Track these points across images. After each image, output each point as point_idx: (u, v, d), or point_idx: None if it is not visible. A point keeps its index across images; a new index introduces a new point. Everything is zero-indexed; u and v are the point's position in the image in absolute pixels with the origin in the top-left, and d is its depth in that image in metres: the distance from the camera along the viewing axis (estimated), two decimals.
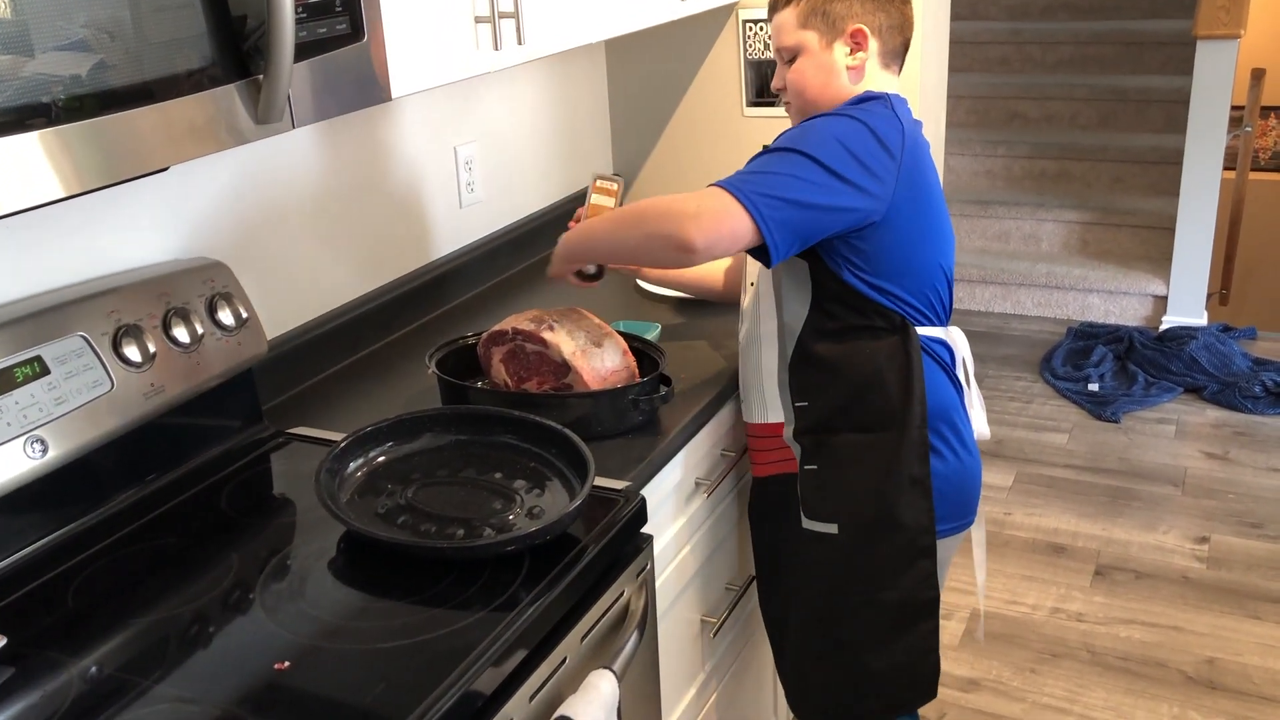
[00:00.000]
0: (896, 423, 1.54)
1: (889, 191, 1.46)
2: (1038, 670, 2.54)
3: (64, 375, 1.31)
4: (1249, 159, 4.91)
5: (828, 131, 1.45)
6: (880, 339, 1.54)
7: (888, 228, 1.48)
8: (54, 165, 0.98)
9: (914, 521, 1.57)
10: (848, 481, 1.58)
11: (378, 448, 1.46)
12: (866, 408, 1.55)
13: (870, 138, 1.45)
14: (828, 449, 1.59)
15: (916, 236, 1.52)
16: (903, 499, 1.56)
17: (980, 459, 1.69)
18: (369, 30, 1.27)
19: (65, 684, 1.11)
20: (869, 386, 1.55)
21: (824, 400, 1.58)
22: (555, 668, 1.22)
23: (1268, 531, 3.03)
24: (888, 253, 1.50)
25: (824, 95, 1.57)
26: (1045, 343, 4.27)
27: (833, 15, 1.55)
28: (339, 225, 1.88)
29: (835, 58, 1.56)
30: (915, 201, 1.50)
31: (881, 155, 1.46)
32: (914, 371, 1.53)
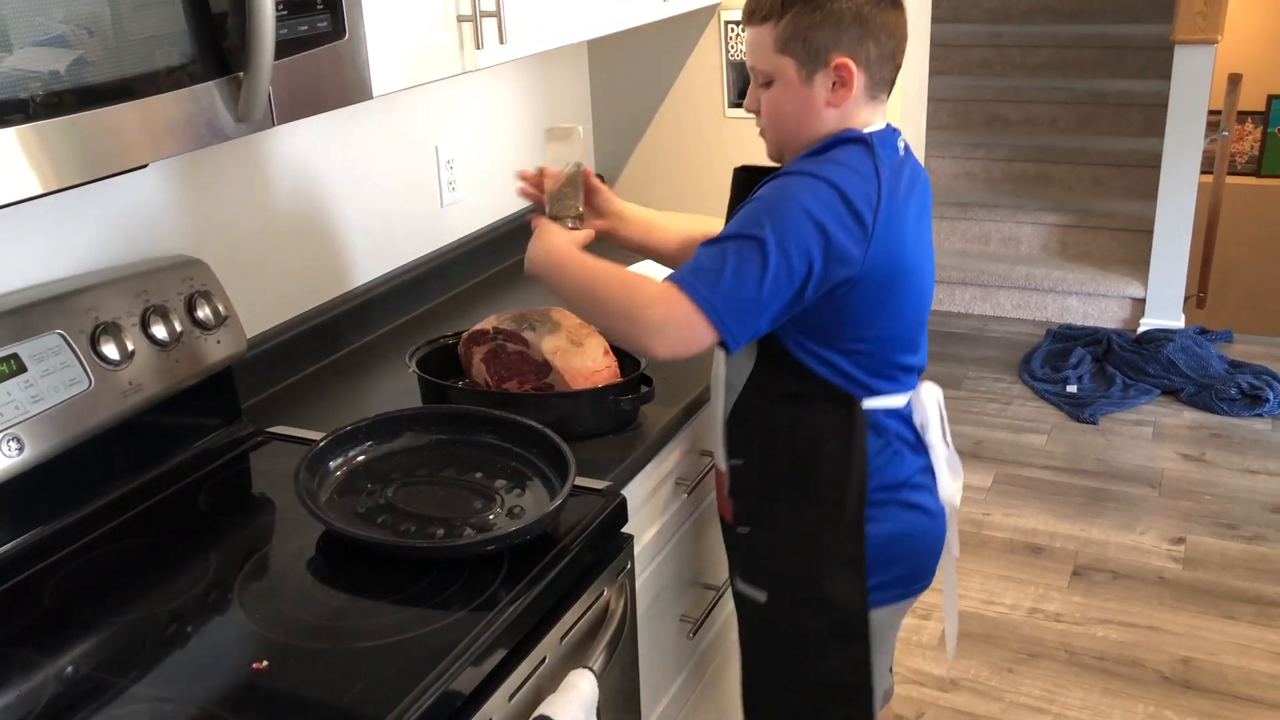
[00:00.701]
0: (832, 498, 1.45)
1: (858, 263, 1.34)
2: (1015, 670, 2.56)
3: (41, 373, 1.30)
4: (1226, 163, 4.95)
5: (799, 210, 1.32)
6: (822, 410, 1.44)
7: (848, 300, 1.37)
8: (32, 162, 0.97)
9: (845, 602, 1.48)
10: (779, 551, 1.51)
11: (357, 447, 1.45)
12: (802, 479, 1.46)
13: (844, 210, 1.33)
14: (761, 514, 1.52)
15: (877, 306, 1.39)
16: (834, 578, 1.47)
17: (944, 522, 1.56)
18: (350, 28, 1.27)
19: (41, 684, 1.10)
20: (806, 457, 1.46)
21: (759, 463, 1.50)
22: (535, 667, 1.22)
23: (1243, 532, 3.06)
24: (842, 324, 1.40)
25: (800, 132, 1.42)
26: (1024, 344, 4.29)
27: (815, 44, 1.37)
28: (320, 223, 1.87)
29: (815, 92, 1.39)
30: (886, 267, 1.37)
31: (853, 227, 1.33)
32: (855, 447, 1.43)
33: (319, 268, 1.88)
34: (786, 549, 1.51)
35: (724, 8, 2.44)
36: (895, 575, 1.51)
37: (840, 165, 1.36)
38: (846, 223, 1.33)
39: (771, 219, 1.33)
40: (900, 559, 1.51)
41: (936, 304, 4.65)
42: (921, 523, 1.53)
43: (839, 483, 1.45)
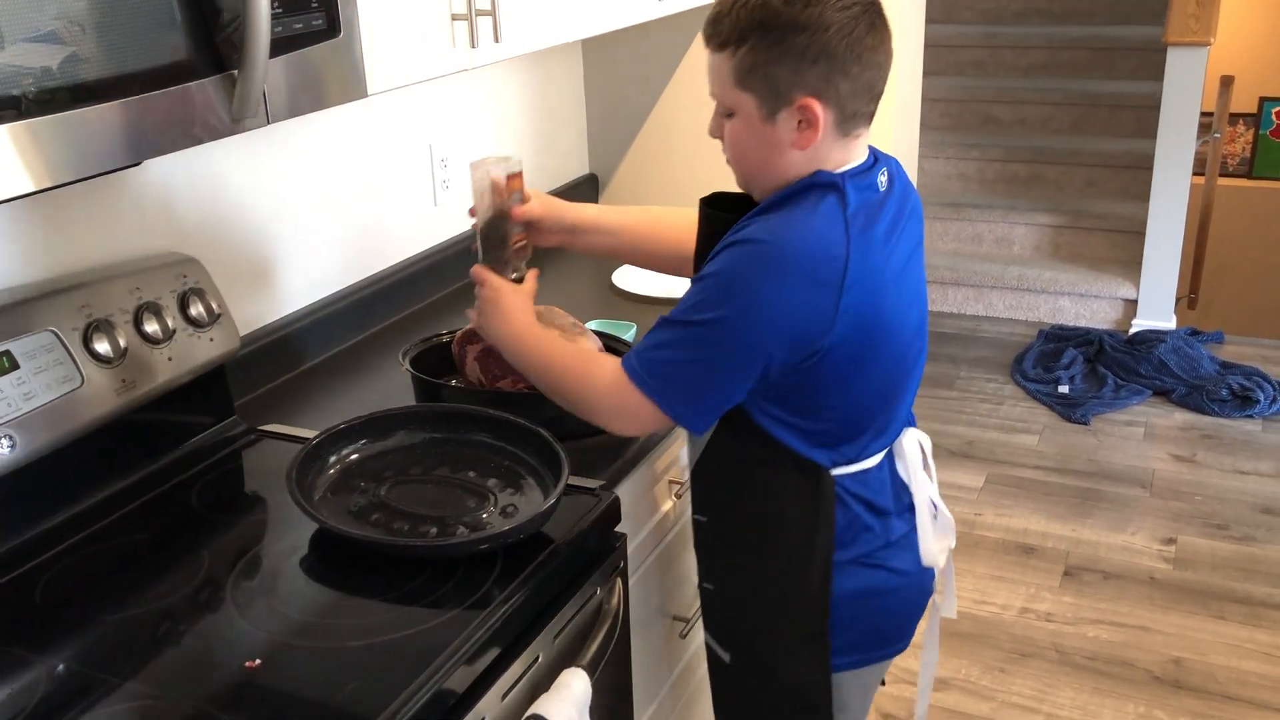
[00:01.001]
0: (795, 569, 1.35)
1: (824, 338, 1.23)
2: (1007, 670, 2.56)
3: (33, 370, 1.29)
4: (1218, 164, 4.97)
5: (757, 294, 1.21)
6: (787, 478, 1.33)
7: (816, 373, 1.25)
8: (24, 159, 0.97)
9: (806, 676, 1.40)
10: (740, 614, 1.44)
11: (350, 445, 1.45)
12: (764, 546, 1.37)
13: (808, 286, 1.20)
14: (724, 574, 1.44)
15: (850, 377, 1.28)
16: (794, 652, 1.39)
17: (920, 581, 1.45)
18: (345, 26, 1.27)
19: (33, 682, 1.10)
20: (769, 525, 1.36)
21: (722, 522, 1.42)
22: (528, 666, 1.22)
23: (1233, 533, 3.07)
24: (809, 394, 1.29)
25: (766, 172, 1.29)
26: (1016, 345, 4.30)
27: (776, 81, 1.22)
28: (313, 221, 1.87)
29: (779, 132, 1.25)
30: (857, 335, 1.25)
31: (819, 303, 1.21)
32: (821, 519, 1.33)
33: (312, 266, 1.88)
34: (748, 614, 1.43)
35: None
36: (859, 637, 1.40)
37: (803, 227, 1.23)
38: (811, 300, 1.21)
39: (725, 299, 1.22)
40: (864, 620, 1.40)
41: (930, 305, 4.66)
42: (890, 582, 1.40)
43: (802, 554, 1.35)
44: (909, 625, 1.48)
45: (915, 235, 1.37)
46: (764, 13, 1.22)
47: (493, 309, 1.45)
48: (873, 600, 1.40)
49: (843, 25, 1.21)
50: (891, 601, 1.42)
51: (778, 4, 1.21)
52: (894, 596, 1.42)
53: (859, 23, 1.22)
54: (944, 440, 3.61)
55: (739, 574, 1.41)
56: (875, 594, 1.39)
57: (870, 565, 1.38)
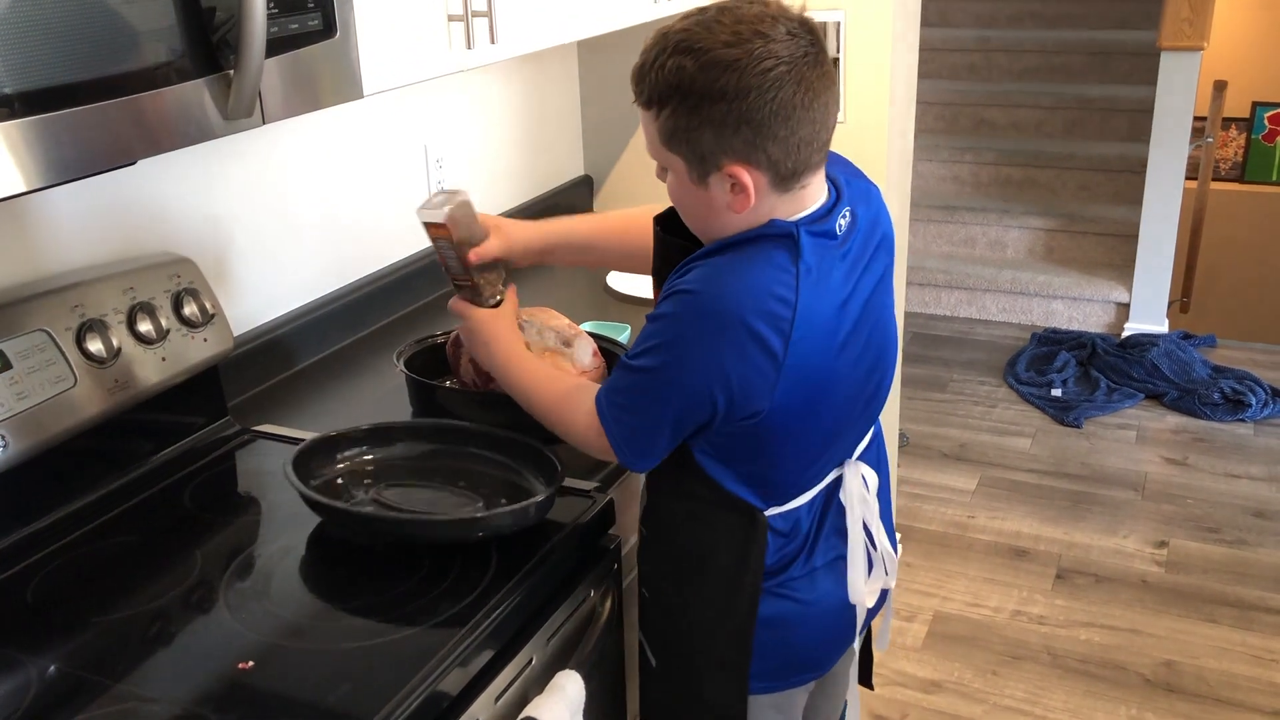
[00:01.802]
0: (720, 602, 1.34)
1: (766, 399, 1.19)
2: (999, 672, 2.57)
3: (26, 370, 1.29)
4: (1210, 169, 4.99)
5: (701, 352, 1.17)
6: (721, 518, 1.32)
7: (759, 429, 1.22)
8: (16, 159, 0.97)
9: (722, 700, 1.39)
10: (670, 628, 1.42)
11: (351, 449, 1.45)
12: (695, 575, 1.36)
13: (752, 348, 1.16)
14: (659, 586, 1.42)
15: (795, 433, 1.25)
16: (714, 678, 1.38)
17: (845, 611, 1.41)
18: (341, 27, 1.26)
19: (24, 683, 1.09)
20: (699, 560, 1.35)
21: (659, 541, 1.41)
22: (522, 668, 1.22)
23: (1224, 536, 3.08)
24: (753, 454, 1.27)
25: (708, 230, 1.25)
26: (1009, 348, 4.31)
27: (700, 148, 1.17)
28: (308, 222, 1.86)
29: (713, 195, 1.20)
30: (802, 394, 1.21)
31: (761, 364, 1.17)
32: (750, 560, 1.31)
33: (307, 266, 1.87)
34: (675, 629, 1.41)
35: None
36: (774, 663, 1.38)
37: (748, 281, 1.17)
38: (750, 356, 1.16)
39: (668, 349, 1.20)
40: (778, 647, 1.37)
41: (921, 307, 4.67)
42: (805, 611, 1.37)
43: (730, 588, 1.34)
44: (827, 654, 1.45)
45: (881, 266, 1.32)
46: (679, 77, 1.15)
47: (475, 339, 1.46)
48: (787, 628, 1.37)
49: (763, 90, 1.12)
50: (807, 630, 1.39)
51: (693, 70, 1.14)
52: (810, 625, 1.39)
53: (783, 84, 1.13)
54: (936, 443, 3.62)
55: (670, 591, 1.40)
56: (790, 622, 1.37)
57: (785, 595, 1.36)
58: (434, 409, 1.61)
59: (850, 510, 1.37)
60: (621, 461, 1.29)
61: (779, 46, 1.13)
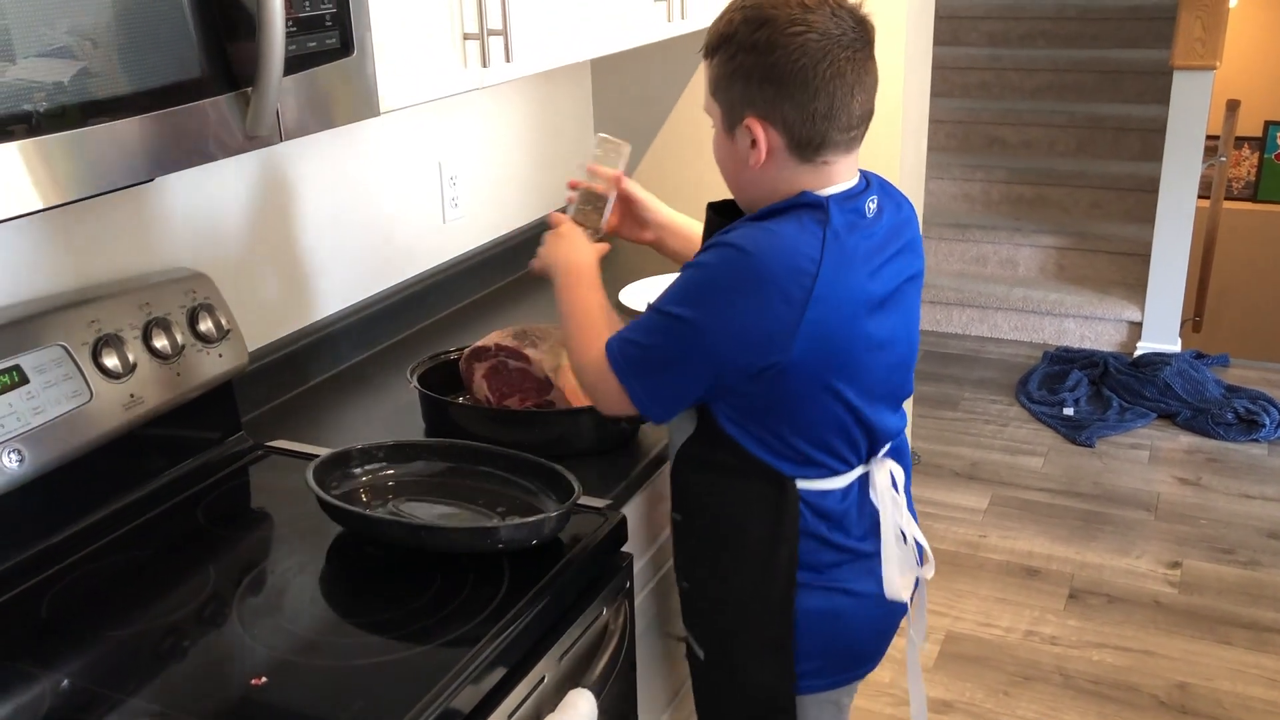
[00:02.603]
0: (760, 577, 1.36)
1: (784, 353, 1.23)
2: (1010, 693, 2.55)
3: (43, 385, 1.30)
4: (1223, 188, 4.98)
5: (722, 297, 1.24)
6: (753, 487, 1.34)
7: (777, 385, 1.26)
8: (34, 176, 0.97)
9: (769, 683, 1.41)
10: (711, 616, 1.45)
11: (374, 464, 1.45)
12: (732, 551, 1.38)
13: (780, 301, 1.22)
14: (697, 574, 1.45)
15: (812, 395, 1.28)
16: (760, 658, 1.40)
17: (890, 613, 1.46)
18: (358, 45, 1.27)
19: (38, 697, 1.09)
20: (733, 532, 1.38)
21: (693, 523, 1.43)
22: (534, 686, 1.22)
23: (1239, 557, 3.06)
24: (772, 410, 1.30)
25: (737, 185, 1.34)
26: (1021, 366, 4.30)
27: (731, 98, 1.26)
28: (323, 238, 1.87)
29: (737, 148, 1.29)
30: (823, 355, 1.25)
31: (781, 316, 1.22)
32: (784, 530, 1.33)
33: (321, 282, 1.88)
34: (719, 615, 1.43)
35: None
36: (823, 661, 1.42)
37: (780, 240, 1.23)
38: (772, 308, 1.22)
39: (696, 298, 1.26)
40: (827, 642, 1.41)
41: (933, 325, 4.66)
42: (852, 605, 1.40)
43: (766, 563, 1.35)
44: (875, 648, 1.48)
45: (910, 268, 1.36)
46: (730, 28, 1.26)
47: (561, 240, 1.50)
48: (835, 622, 1.40)
49: (789, 50, 1.21)
50: (854, 624, 1.42)
51: (739, 22, 1.25)
52: (857, 619, 1.42)
53: (807, 51, 1.20)
54: (948, 461, 3.61)
55: (710, 575, 1.43)
56: (837, 616, 1.39)
57: (831, 588, 1.38)
58: (447, 425, 1.61)
59: (881, 506, 1.39)
60: (634, 402, 1.30)
61: (817, 19, 1.22)
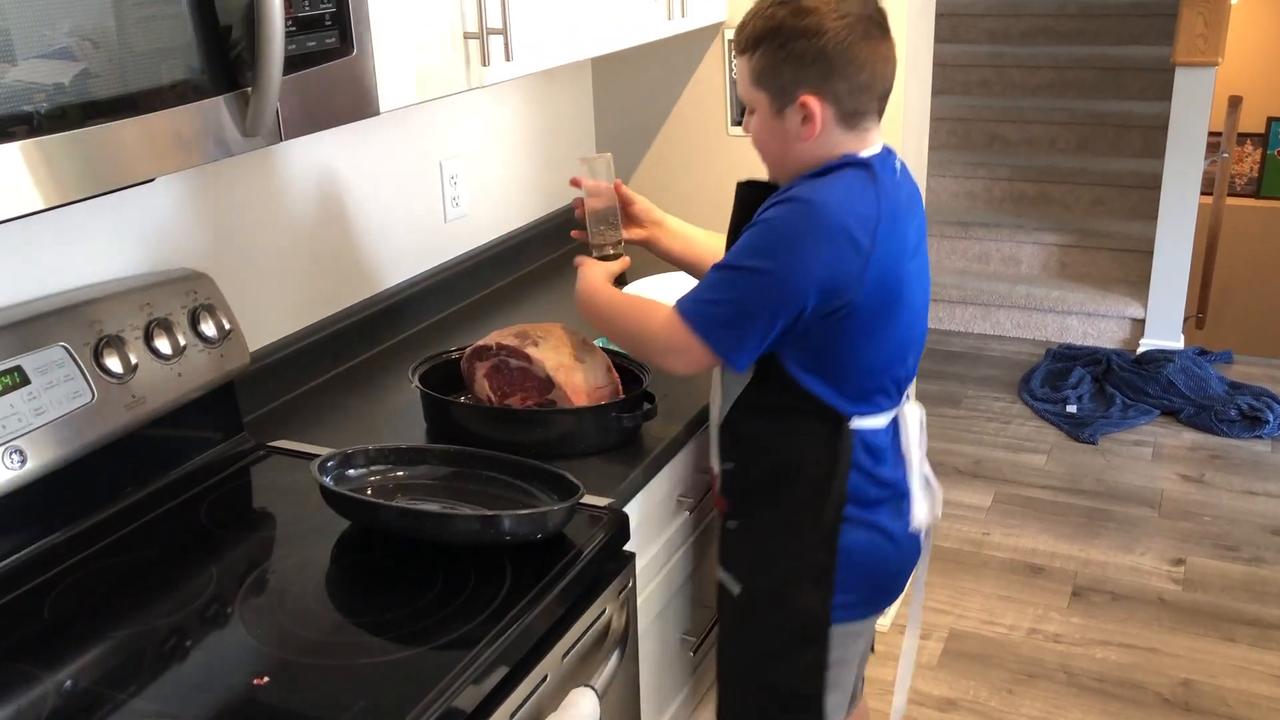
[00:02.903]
0: (810, 512, 1.49)
1: (854, 291, 1.38)
2: (1014, 691, 2.55)
3: (44, 385, 1.30)
4: (1226, 184, 4.97)
5: (798, 241, 1.36)
6: (810, 426, 1.48)
7: (844, 325, 1.40)
8: (35, 176, 0.97)
9: (807, 608, 1.53)
10: (756, 550, 1.56)
11: (380, 465, 1.46)
12: (785, 489, 1.51)
13: (842, 240, 1.36)
14: (746, 514, 1.56)
15: (874, 332, 1.43)
16: (802, 586, 1.52)
17: (916, 549, 1.61)
18: (358, 44, 1.27)
19: (40, 698, 1.09)
20: (790, 470, 1.50)
21: (746, 469, 1.55)
22: (536, 685, 1.22)
23: (1243, 554, 3.05)
24: (838, 350, 1.44)
25: (782, 161, 1.47)
26: (1024, 364, 4.30)
27: (781, 81, 1.41)
28: (324, 237, 1.87)
29: (786, 126, 1.43)
30: (881, 294, 1.40)
31: (851, 257, 1.36)
32: (838, 465, 1.47)
33: (323, 282, 1.88)
34: (763, 550, 1.55)
35: (728, 26, 2.45)
36: (858, 594, 1.54)
37: (840, 192, 1.39)
38: (844, 252, 1.36)
39: (771, 249, 1.38)
40: (865, 575, 1.54)
41: (935, 323, 4.66)
42: (884, 546, 1.54)
43: (819, 497, 1.48)
44: (898, 584, 1.63)
45: (921, 224, 1.53)
46: (772, 23, 1.41)
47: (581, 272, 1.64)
48: (871, 556, 1.53)
49: (836, 33, 1.38)
50: (887, 558, 1.56)
51: (783, 15, 1.40)
52: (889, 554, 1.56)
53: (852, 30, 1.39)
54: (951, 459, 3.60)
55: (761, 514, 1.54)
56: (874, 550, 1.53)
57: (871, 523, 1.51)
58: (448, 424, 1.61)
59: (911, 444, 1.55)
60: (719, 354, 1.41)
61: (850, 5, 1.40)
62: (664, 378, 1.78)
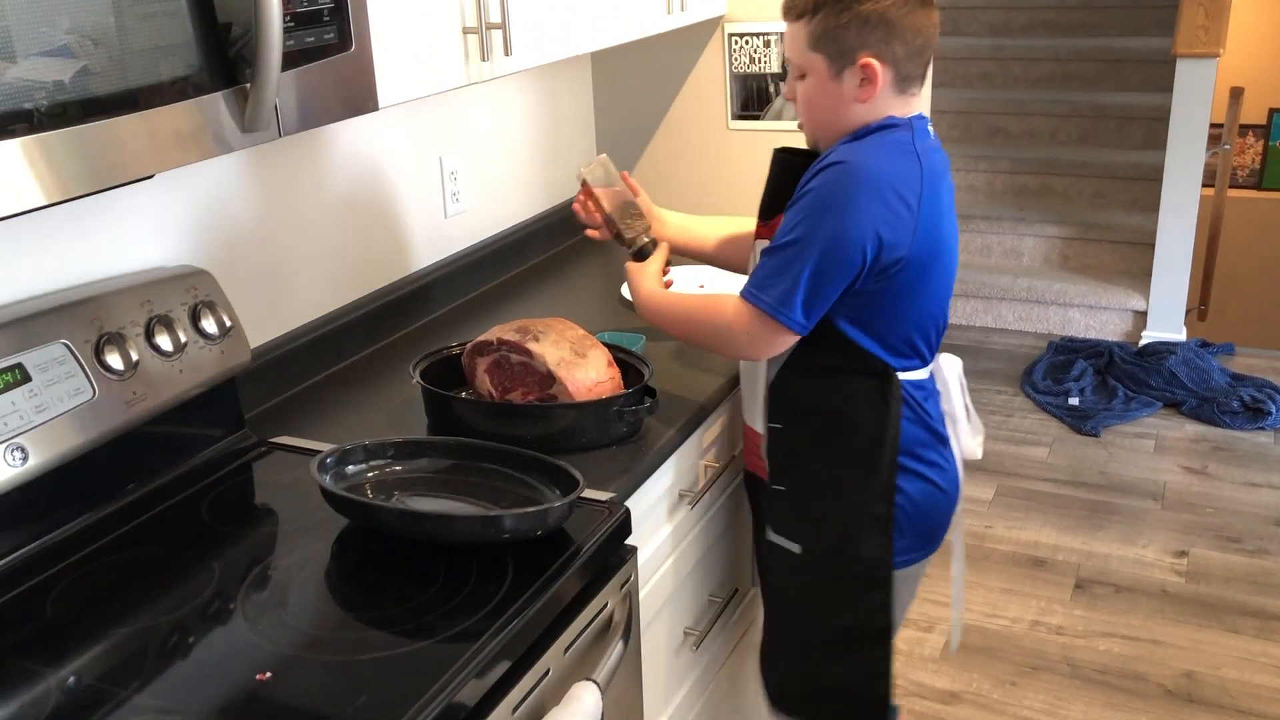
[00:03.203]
0: (865, 463, 1.55)
1: (906, 248, 1.45)
2: (1018, 683, 2.55)
3: (45, 383, 1.30)
4: (1227, 176, 4.96)
5: (852, 205, 1.42)
6: (861, 382, 1.54)
7: (895, 281, 1.47)
8: (35, 173, 0.97)
9: (872, 556, 1.58)
10: (813, 508, 1.61)
11: (378, 460, 1.45)
12: (838, 445, 1.56)
13: (893, 199, 1.42)
14: (797, 474, 1.61)
15: (920, 286, 1.50)
16: (863, 535, 1.58)
17: (957, 490, 1.67)
18: (357, 40, 1.27)
19: (43, 694, 1.10)
20: (843, 425, 1.55)
21: (798, 428, 1.59)
22: (539, 679, 1.22)
23: (1245, 546, 3.05)
24: (887, 304, 1.49)
25: (833, 123, 1.51)
26: (1026, 357, 4.29)
27: (843, 44, 1.45)
28: (324, 234, 1.87)
29: (844, 88, 1.48)
30: (927, 250, 1.47)
31: (902, 215, 1.43)
32: (890, 417, 1.53)
33: (323, 278, 1.88)
34: (821, 506, 1.60)
35: (728, 20, 2.45)
36: (913, 538, 1.62)
37: (886, 154, 1.46)
38: (896, 211, 1.43)
39: (822, 216, 1.43)
40: (918, 520, 1.61)
41: None
42: (934, 491, 1.62)
43: (873, 450, 1.54)
44: (945, 527, 1.69)
45: (951, 190, 1.57)
46: None
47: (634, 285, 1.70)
48: (924, 501, 1.60)
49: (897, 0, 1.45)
50: (937, 502, 1.63)
51: None
52: (938, 498, 1.63)
53: None
54: None
55: (814, 471, 1.59)
56: (926, 495, 1.60)
57: (921, 470, 1.59)
58: (449, 420, 1.61)
59: (953, 388, 1.66)
60: (795, 329, 1.47)
61: None
62: (665, 371, 1.79)
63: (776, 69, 2.45)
